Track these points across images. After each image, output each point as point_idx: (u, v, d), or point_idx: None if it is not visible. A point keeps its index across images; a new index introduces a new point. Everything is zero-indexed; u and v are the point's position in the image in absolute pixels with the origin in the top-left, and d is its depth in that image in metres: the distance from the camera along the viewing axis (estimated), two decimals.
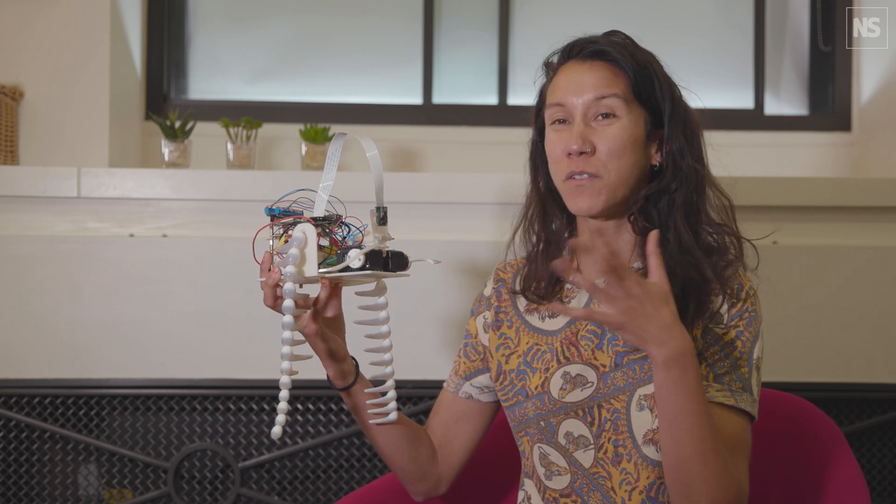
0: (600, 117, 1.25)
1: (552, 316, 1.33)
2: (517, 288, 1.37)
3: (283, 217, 1.20)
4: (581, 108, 1.25)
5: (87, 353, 2.09)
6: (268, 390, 2.12)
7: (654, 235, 1.11)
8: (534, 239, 1.36)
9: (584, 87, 1.25)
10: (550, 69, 1.33)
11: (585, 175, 1.24)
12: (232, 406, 2.16)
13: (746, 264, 1.29)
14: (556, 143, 1.27)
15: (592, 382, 1.27)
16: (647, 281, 1.09)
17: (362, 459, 2.20)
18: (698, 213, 1.27)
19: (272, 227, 1.21)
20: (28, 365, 2.10)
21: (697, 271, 1.23)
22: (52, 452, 2.20)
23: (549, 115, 1.29)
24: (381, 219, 1.21)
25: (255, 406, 2.16)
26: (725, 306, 1.25)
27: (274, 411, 2.14)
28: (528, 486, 1.36)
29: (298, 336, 1.21)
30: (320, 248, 1.17)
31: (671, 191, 1.26)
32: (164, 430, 2.18)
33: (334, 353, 1.26)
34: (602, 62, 1.26)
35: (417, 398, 2.13)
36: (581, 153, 1.23)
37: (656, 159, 1.28)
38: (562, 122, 1.27)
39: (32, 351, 2.09)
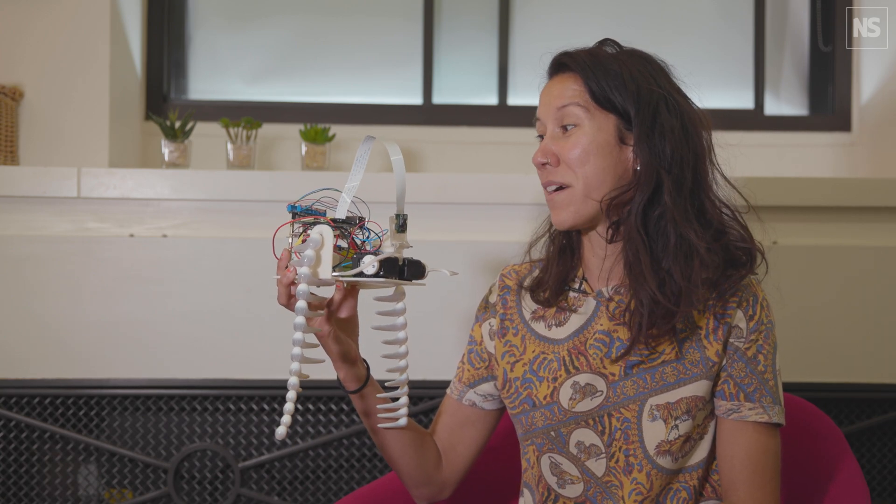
0: (564, 128, 1.26)
1: (558, 324, 1.32)
2: (526, 285, 1.36)
3: (304, 216, 1.18)
4: (550, 122, 1.28)
5: (87, 353, 2.09)
6: (268, 390, 2.12)
7: None
8: (551, 244, 1.36)
9: (549, 99, 1.28)
10: None
11: (554, 187, 1.26)
12: (232, 406, 2.16)
13: (757, 274, 1.29)
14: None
15: (602, 391, 1.27)
16: None
17: (362, 459, 2.20)
18: (686, 214, 1.23)
19: (292, 225, 1.19)
20: (28, 365, 2.10)
21: (686, 279, 1.21)
22: (52, 452, 2.20)
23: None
24: (400, 226, 1.19)
25: (255, 406, 2.16)
26: (744, 320, 1.26)
27: (274, 411, 2.15)
28: (528, 495, 1.36)
29: (311, 338, 1.19)
30: (339, 249, 1.15)
31: (648, 196, 1.22)
32: (164, 430, 2.17)
33: (347, 355, 1.25)
34: (565, 73, 1.28)
35: (417, 398, 2.13)
36: (544, 164, 1.26)
37: (638, 164, 1.24)
38: (541, 136, 1.30)
39: (32, 351, 2.09)
